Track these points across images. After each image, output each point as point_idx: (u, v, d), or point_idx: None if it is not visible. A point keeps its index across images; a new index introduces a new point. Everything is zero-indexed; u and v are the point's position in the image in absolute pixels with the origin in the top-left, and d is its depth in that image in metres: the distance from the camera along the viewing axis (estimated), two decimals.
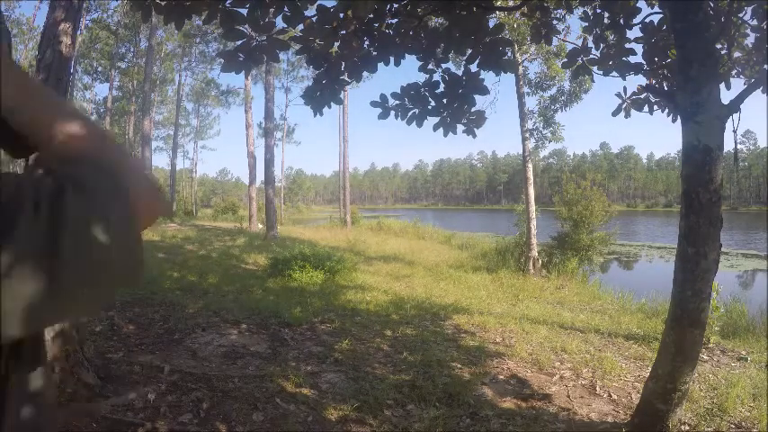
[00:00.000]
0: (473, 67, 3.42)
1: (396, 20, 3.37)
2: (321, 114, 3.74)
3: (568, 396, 3.53)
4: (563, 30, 9.29)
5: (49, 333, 2.91)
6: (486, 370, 3.99)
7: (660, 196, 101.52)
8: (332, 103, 3.68)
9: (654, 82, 3.70)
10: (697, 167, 2.52)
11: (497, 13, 7.75)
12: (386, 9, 3.26)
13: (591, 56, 3.72)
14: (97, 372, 3.20)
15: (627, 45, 3.59)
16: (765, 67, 3.44)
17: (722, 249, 2.61)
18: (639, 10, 3.45)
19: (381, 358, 4.18)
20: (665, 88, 3.64)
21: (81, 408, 2.80)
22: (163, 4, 2.84)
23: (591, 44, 3.70)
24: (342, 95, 3.89)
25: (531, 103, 20.91)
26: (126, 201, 0.49)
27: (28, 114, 0.53)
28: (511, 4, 7.08)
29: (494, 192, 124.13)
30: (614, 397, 3.54)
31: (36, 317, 0.42)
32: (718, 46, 3.39)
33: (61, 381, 2.89)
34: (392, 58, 3.39)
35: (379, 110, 3.56)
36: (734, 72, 3.72)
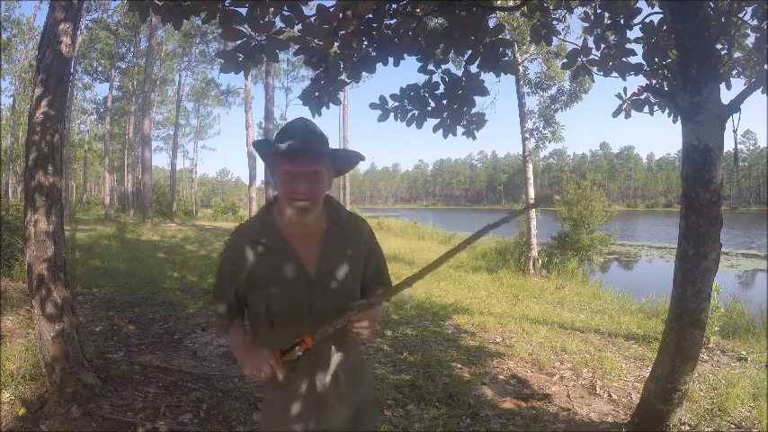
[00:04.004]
0: (473, 68, 3.41)
1: (395, 20, 3.36)
2: (320, 115, 3.73)
3: (568, 396, 3.53)
4: (563, 30, 9.30)
5: (49, 333, 2.91)
6: (486, 370, 3.99)
7: (660, 196, 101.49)
8: (331, 104, 3.68)
9: (654, 82, 3.69)
10: (697, 167, 2.51)
11: (497, 13, 7.74)
12: (385, 9, 3.26)
13: (591, 56, 3.71)
14: (97, 372, 3.20)
15: (627, 45, 3.58)
16: (765, 67, 3.43)
17: (722, 249, 2.61)
18: (640, 10, 3.44)
19: (381, 358, 4.18)
20: (666, 88, 3.63)
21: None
22: (161, 3, 2.83)
23: (591, 44, 3.69)
24: (341, 96, 3.89)
25: (531, 103, 20.95)
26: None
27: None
28: (511, 4, 7.08)
29: (494, 192, 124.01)
30: (614, 397, 3.54)
31: None
32: (719, 46, 3.38)
33: (61, 381, 2.89)
34: (391, 59, 3.38)
35: (378, 111, 3.55)
36: (734, 72, 3.71)
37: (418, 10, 3.32)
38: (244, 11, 2.84)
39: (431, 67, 3.48)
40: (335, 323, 1.26)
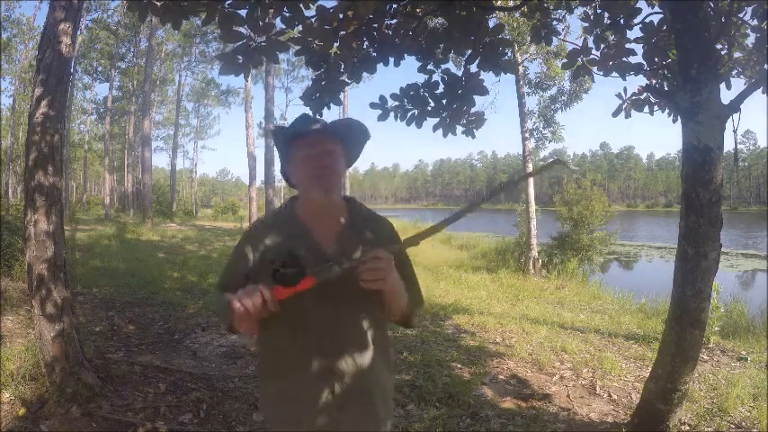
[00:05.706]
0: (473, 68, 3.42)
1: (395, 20, 3.36)
2: (321, 115, 3.73)
3: (568, 396, 3.53)
4: (563, 30, 9.31)
5: (49, 333, 2.92)
6: (486, 370, 3.99)
7: (660, 196, 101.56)
8: (332, 104, 3.68)
9: (654, 82, 3.69)
10: (697, 167, 2.51)
11: (497, 13, 7.74)
12: (386, 9, 3.26)
13: (591, 56, 3.71)
14: (97, 372, 3.20)
15: (627, 45, 3.58)
16: (765, 66, 3.43)
17: (722, 249, 2.61)
18: (640, 10, 3.44)
19: None
20: (666, 88, 3.64)
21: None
22: (159, 4, 2.82)
23: (591, 44, 3.69)
24: (341, 96, 3.89)
25: (531, 103, 20.89)
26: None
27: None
28: (511, 4, 7.08)
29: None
30: (614, 397, 3.54)
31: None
32: (719, 46, 3.38)
33: (61, 381, 2.89)
34: (391, 59, 3.39)
35: (378, 111, 3.55)
36: (734, 72, 3.71)
37: (418, 10, 3.32)
38: (243, 12, 2.84)
39: (431, 66, 3.49)
40: (344, 263, 1.17)
